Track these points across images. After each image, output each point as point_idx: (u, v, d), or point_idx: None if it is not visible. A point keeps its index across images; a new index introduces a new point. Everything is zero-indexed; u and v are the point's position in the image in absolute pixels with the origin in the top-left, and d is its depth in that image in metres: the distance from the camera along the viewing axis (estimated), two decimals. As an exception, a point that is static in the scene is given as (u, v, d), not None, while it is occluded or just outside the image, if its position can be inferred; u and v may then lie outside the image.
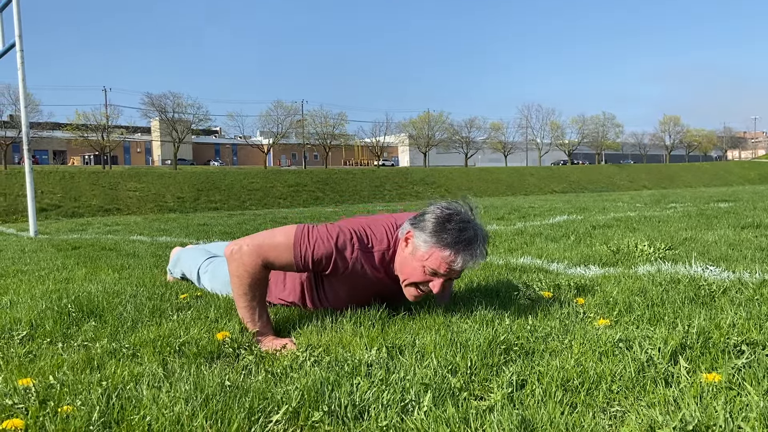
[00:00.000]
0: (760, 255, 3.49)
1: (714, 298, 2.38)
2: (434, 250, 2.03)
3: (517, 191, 38.98)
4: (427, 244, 2.04)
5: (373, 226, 2.21)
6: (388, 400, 1.43)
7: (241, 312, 2.12)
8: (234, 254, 2.11)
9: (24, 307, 2.56)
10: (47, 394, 1.51)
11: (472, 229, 2.06)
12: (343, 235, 2.13)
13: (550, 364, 1.63)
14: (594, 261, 3.56)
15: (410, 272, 2.10)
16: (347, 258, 2.12)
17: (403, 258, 2.12)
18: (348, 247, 2.12)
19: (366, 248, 2.15)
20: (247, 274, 2.08)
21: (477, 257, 2.05)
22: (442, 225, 2.04)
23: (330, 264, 2.12)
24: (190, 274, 3.08)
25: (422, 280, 2.09)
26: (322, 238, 2.11)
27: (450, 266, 2.04)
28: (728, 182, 50.44)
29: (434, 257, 2.04)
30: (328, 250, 2.10)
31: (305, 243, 2.10)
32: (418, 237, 2.07)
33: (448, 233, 2.02)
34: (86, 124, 44.53)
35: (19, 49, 8.27)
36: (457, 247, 2.02)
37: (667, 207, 9.47)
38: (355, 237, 2.13)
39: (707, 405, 1.34)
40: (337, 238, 2.11)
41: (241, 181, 31.83)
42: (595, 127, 66.73)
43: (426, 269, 2.06)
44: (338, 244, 2.11)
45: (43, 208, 21.09)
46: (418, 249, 2.07)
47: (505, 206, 11.55)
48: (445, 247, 2.02)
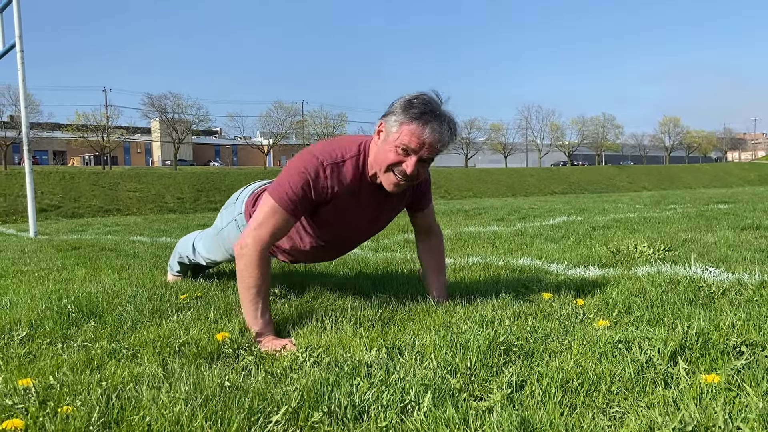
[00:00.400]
0: (759, 256, 3.49)
1: (713, 300, 2.38)
2: (403, 126, 2.08)
3: (517, 192, 38.98)
4: (396, 123, 2.09)
5: (340, 140, 2.27)
6: (388, 400, 1.43)
7: (245, 308, 2.13)
8: (242, 249, 2.14)
9: (24, 308, 2.56)
10: (47, 395, 1.52)
11: (437, 106, 2.12)
12: (309, 160, 2.16)
13: (550, 365, 1.63)
14: (594, 262, 3.56)
15: (383, 157, 2.13)
16: (323, 179, 2.15)
17: (377, 149, 2.16)
18: (319, 169, 2.15)
19: (336, 161, 2.18)
20: (254, 266, 2.11)
21: (445, 130, 2.10)
22: (409, 102, 2.10)
23: (312, 191, 2.15)
24: (185, 251, 3.13)
25: (396, 161, 2.11)
26: (293, 175, 2.15)
27: (420, 138, 2.07)
28: (728, 183, 50.45)
29: (404, 132, 2.08)
30: (304, 179, 2.13)
31: (284, 191, 2.14)
32: (387, 122, 2.12)
33: (415, 107, 2.08)
34: (86, 125, 44.55)
35: (19, 49, 8.27)
36: (424, 118, 2.06)
37: (666, 208, 9.47)
38: (321, 156, 2.17)
39: (706, 406, 1.35)
40: (306, 167, 2.15)
41: (242, 182, 31.79)
42: (595, 128, 66.76)
43: (398, 148, 2.09)
44: (309, 170, 2.14)
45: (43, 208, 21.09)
46: (390, 132, 2.11)
47: (505, 207, 11.55)
48: (413, 120, 2.07)
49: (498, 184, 41.58)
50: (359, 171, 2.21)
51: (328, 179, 2.16)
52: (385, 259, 4.03)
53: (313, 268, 3.62)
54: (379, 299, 2.54)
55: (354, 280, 3.20)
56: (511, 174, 46.16)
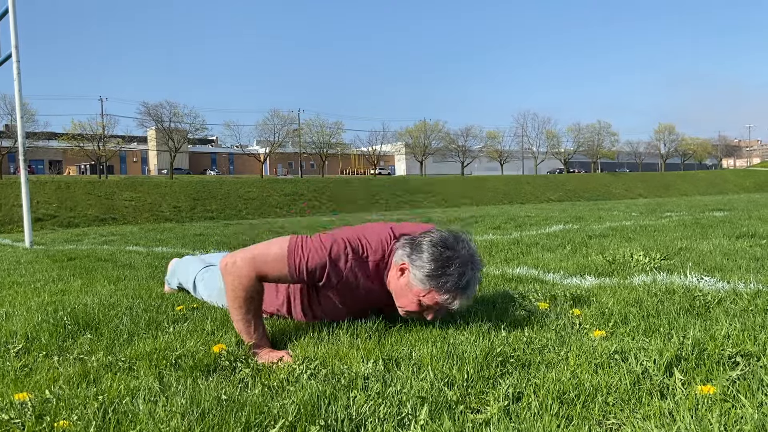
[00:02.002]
0: (754, 265, 3.50)
1: (709, 309, 2.38)
2: (432, 292, 2.06)
3: (513, 200, 39.05)
4: (424, 285, 2.05)
5: (368, 236, 2.19)
6: (385, 413, 1.43)
7: (237, 325, 2.11)
8: (228, 267, 2.10)
9: (19, 320, 2.55)
10: (43, 409, 1.51)
11: (470, 272, 2.06)
12: (336, 245, 2.12)
13: (547, 376, 1.63)
14: (590, 271, 3.57)
15: (406, 303, 2.13)
16: (341, 268, 2.12)
17: (398, 287, 2.13)
18: (342, 257, 2.11)
19: (360, 258, 2.14)
20: (241, 287, 2.07)
21: (471, 297, 2.12)
22: (442, 270, 2.03)
23: (324, 275, 2.11)
24: (186, 284, 3.08)
25: (417, 311, 2.13)
26: (316, 248, 2.11)
27: (448, 306, 2.08)
28: (724, 191, 50.61)
29: (431, 297, 2.06)
30: (322, 260, 2.09)
31: (299, 254, 2.09)
32: (414, 274, 2.07)
33: (448, 278, 2.03)
34: (82, 134, 44.57)
35: (15, 59, 8.27)
36: (455, 293, 2.05)
37: (662, 216, 9.50)
38: (349, 247, 2.13)
39: (702, 417, 1.35)
40: (330, 249, 2.11)
41: (238, 191, 31.80)
42: (591, 136, 67.07)
43: (422, 304, 2.09)
44: (332, 255, 2.10)
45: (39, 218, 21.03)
46: (415, 286, 2.07)
47: (501, 215, 11.55)
48: (444, 293, 2.05)
49: (494, 191, 41.66)
50: (380, 273, 2.18)
51: (345, 270, 2.12)
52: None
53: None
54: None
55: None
56: (508, 181, 46.25)
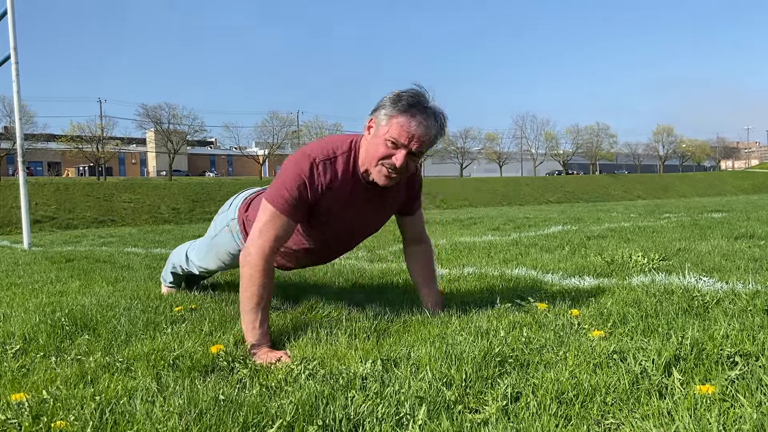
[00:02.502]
0: (753, 266, 3.50)
1: (707, 309, 2.38)
2: (392, 119, 2.11)
3: (512, 201, 39.07)
4: (386, 117, 2.12)
5: (331, 138, 2.30)
6: (383, 413, 1.43)
7: (245, 316, 2.13)
8: (246, 258, 2.15)
9: (17, 321, 2.54)
10: (40, 409, 1.50)
11: (425, 99, 2.15)
12: (302, 160, 2.19)
13: (545, 376, 1.63)
14: (588, 272, 3.57)
15: (374, 151, 2.15)
16: (315, 175, 2.17)
17: (368, 143, 2.19)
18: (313, 166, 2.17)
19: (328, 157, 2.20)
20: (258, 274, 2.11)
21: (432, 124, 2.13)
22: (398, 96, 2.13)
23: (308, 190, 2.17)
24: (179, 261, 3.12)
25: (386, 154, 2.14)
26: (287, 177, 2.17)
27: (408, 131, 2.10)
28: (722, 192, 50.69)
29: (393, 125, 2.11)
30: (300, 180, 2.15)
31: (281, 195, 2.15)
32: (377, 116, 2.15)
33: (403, 100, 2.11)
34: (81, 136, 44.57)
35: (14, 61, 8.28)
36: (411, 110, 2.10)
37: (661, 217, 9.51)
38: (313, 154, 2.19)
39: (701, 417, 1.35)
40: (300, 168, 2.17)
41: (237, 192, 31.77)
42: (590, 138, 67.11)
43: (387, 141, 2.12)
44: (303, 170, 2.16)
45: (38, 219, 21.01)
46: (379, 126, 2.14)
47: (500, 216, 11.56)
48: (401, 113, 2.10)
49: (493, 193, 41.67)
50: (351, 167, 2.23)
51: (321, 176, 2.18)
52: (380, 269, 4.02)
53: (308, 279, 3.62)
54: (375, 310, 2.54)
55: (349, 291, 3.20)
56: (507, 183, 46.28)
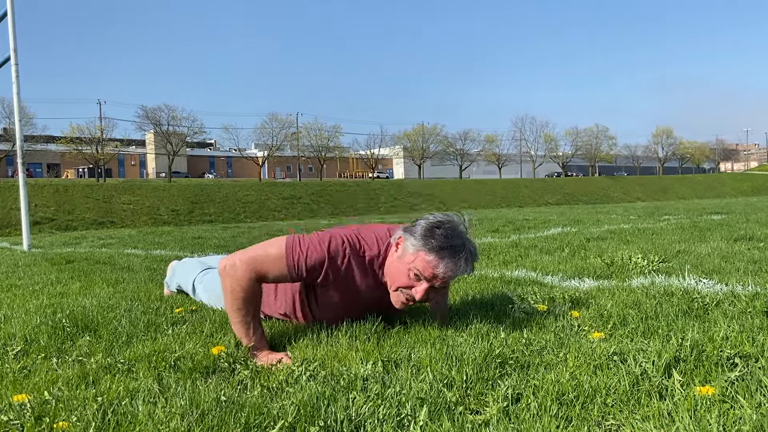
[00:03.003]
0: (752, 267, 3.51)
1: (707, 311, 2.39)
2: (420, 253, 2.06)
3: (511, 203, 39.09)
4: (414, 247, 2.08)
5: (365, 233, 2.22)
6: (384, 414, 1.43)
7: (235, 327, 2.11)
8: (227, 269, 2.10)
9: (18, 322, 2.55)
10: (42, 410, 1.51)
11: (459, 239, 2.08)
12: (334, 241, 2.14)
13: (546, 377, 1.63)
14: (588, 274, 3.57)
15: (396, 276, 2.12)
16: (339, 265, 2.13)
17: (392, 262, 2.15)
18: (340, 253, 2.13)
19: (357, 254, 2.16)
20: (240, 289, 2.08)
21: (460, 266, 2.07)
22: (431, 230, 2.07)
23: (322, 271, 2.12)
24: (185, 287, 3.08)
25: (407, 285, 2.10)
26: (314, 245, 2.12)
27: (433, 271, 2.05)
28: (721, 194, 50.72)
29: (419, 260, 2.06)
30: (321, 256, 2.11)
31: (297, 251, 2.10)
32: (407, 241, 2.10)
33: (435, 238, 2.05)
34: (80, 137, 44.56)
35: (14, 63, 8.29)
36: (441, 253, 2.04)
37: (660, 219, 9.52)
38: (347, 242, 2.15)
39: (701, 418, 1.35)
40: (329, 245, 2.13)
41: (236, 194, 31.80)
42: (589, 139, 67.14)
43: (411, 273, 2.08)
44: (330, 251, 2.12)
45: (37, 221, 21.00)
46: (406, 252, 2.10)
47: (499, 218, 11.57)
48: (430, 251, 2.05)
49: (492, 195, 41.69)
50: (375, 269, 2.19)
51: (342, 266, 2.14)
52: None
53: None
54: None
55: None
56: (506, 185, 46.29)
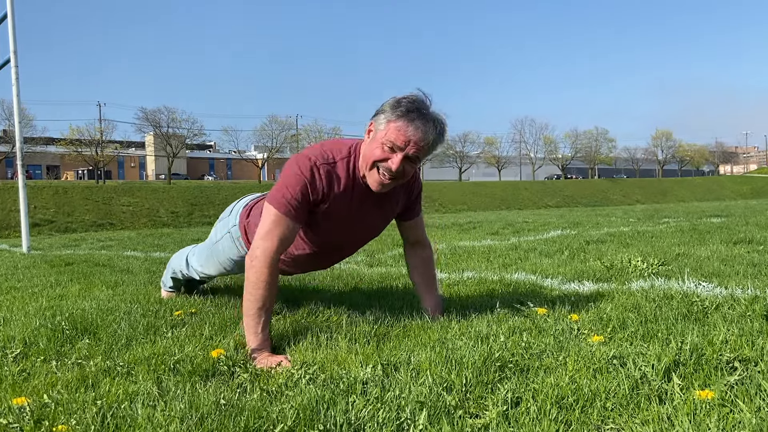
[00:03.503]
0: (752, 271, 3.51)
1: (707, 315, 2.39)
2: (390, 123, 2.13)
3: (511, 205, 39.11)
4: (384, 121, 2.15)
5: (331, 143, 2.33)
6: (384, 418, 1.43)
7: (247, 319, 2.13)
8: (253, 261, 2.16)
9: (17, 325, 2.55)
10: (42, 414, 1.51)
11: (426, 108, 2.16)
12: (303, 162, 2.21)
13: (545, 381, 1.63)
14: (588, 277, 3.57)
15: (371, 153, 2.17)
16: (318, 178, 2.20)
17: (366, 147, 2.21)
18: (314, 169, 2.19)
19: (328, 161, 2.22)
20: (264, 278, 2.13)
21: (430, 128, 2.13)
22: (397, 101, 2.15)
23: (310, 192, 2.19)
24: (179, 266, 3.13)
25: (382, 157, 2.15)
26: (290, 180, 2.20)
27: (405, 135, 2.11)
28: (721, 197, 50.75)
29: (390, 129, 2.12)
30: (300, 182, 2.18)
31: (284, 197, 2.17)
32: (376, 121, 2.18)
33: (402, 105, 2.13)
34: (80, 139, 44.58)
35: (14, 64, 8.29)
36: (410, 115, 2.11)
37: (660, 222, 9.52)
38: (313, 158, 2.22)
39: (700, 422, 1.35)
40: (301, 169, 2.19)
41: (236, 196, 31.67)
42: (588, 142, 67.22)
43: (384, 145, 2.13)
44: (304, 172, 2.18)
45: (36, 223, 21.00)
46: (378, 130, 2.16)
47: (499, 221, 11.58)
48: (399, 118, 2.12)
49: (492, 197, 41.71)
50: (351, 172, 2.25)
51: (322, 179, 2.20)
52: (380, 273, 4.03)
53: (307, 283, 3.62)
54: (375, 315, 2.54)
55: (349, 295, 3.21)
56: (505, 187, 46.32)
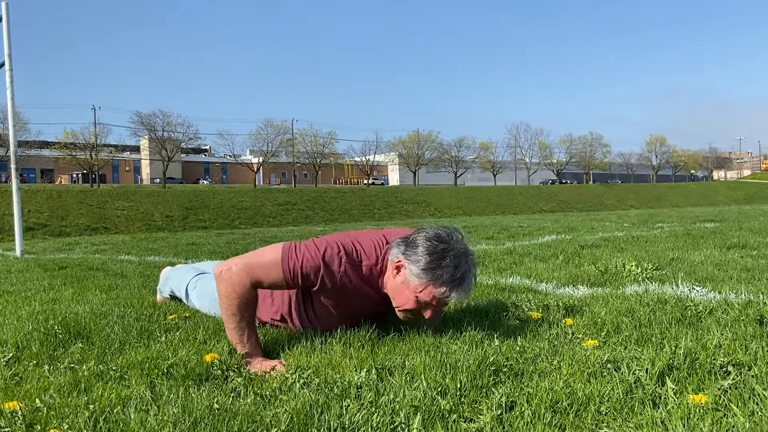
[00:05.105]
0: (745, 275, 3.53)
1: (700, 319, 2.40)
2: (429, 286, 2.04)
3: (506, 210, 39.15)
4: (421, 280, 2.04)
5: (362, 240, 2.21)
6: (378, 422, 1.43)
7: (230, 333, 2.11)
8: (223, 274, 2.10)
9: (10, 329, 2.53)
10: (34, 418, 1.50)
11: (465, 264, 2.06)
12: (330, 248, 2.13)
13: (539, 385, 1.63)
14: (582, 281, 3.58)
15: (403, 301, 2.11)
16: (335, 272, 2.12)
17: (395, 285, 2.12)
18: (335, 260, 2.12)
19: (354, 262, 2.14)
20: (236, 294, 2.07)
21: (470, 290, 2.09)
22: (437, 262, 2.03)
23: (318, 278, 2.12)
24: (178, 292, 3.07)
25: (415, 309, 2.11)
26: (309, 252, 2.12)
27: (445, 300, 2.07)
28: (715, 202, 50.94)
29: (428, 292, 2.05)
30: (316, 263, 2.10)
31: (293, 258, 2.10)
32: (411, 270, 2.06)
33: (443, 270, 2.03)
34: (74, 143, 44.43)
35: (8, 68, 8.26)
36: (452, 285, 2.03)
37: (654, 227, 9.54)
38: (342, 250, 2.13)
39: (694, 426, 1.35)
40: (324, 252, 2.12)
41: (231, 200, 31.74)
42: (583, 147, 67.46)
43: (419, 301, 2.08)
44: (326, 258, 2.11)
45: (30, 227, 20.90)
46: (411, 281, 2.06)
47: (494, 225, 11.58)
48: (441, 285, 2.03)
49: (487, 202, 41.76)
50: (374, 277, 2.18)
51: (338, 274, 2.12)
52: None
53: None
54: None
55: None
56: (501, 192, 46.39)
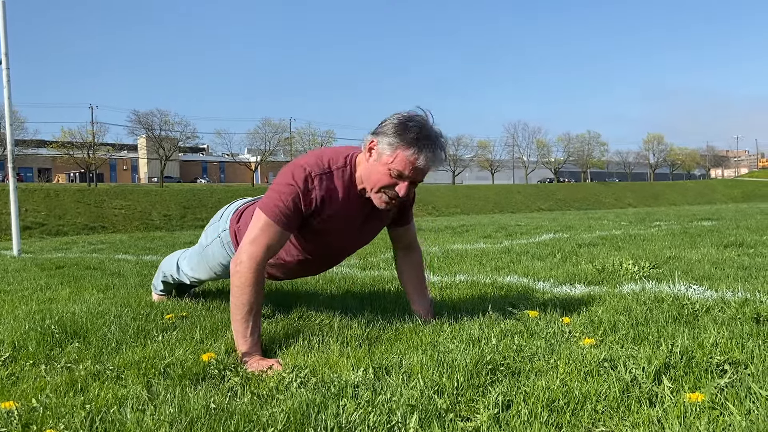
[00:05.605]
0: (742, 274, 3.53)
1: (697, 317, 2.40)
2: (398, 151, 2.10)
3: (504, 209, 39.17)
4: (391, 147, 2.11)
5: (326, 151, 2.31)
6: (375, 422, 1.43)
7: (236, 325, 2.13)
8: (238, 266, 2.15)
9: (6, 328, 2.53)
10: (30, 418, 1.50)
11: (431, 129, 2.15)
12: (297, 172, 2.19)
13: (536, 384, 1.64)
14: (580, 280, 3.58)
15: (377, 178, 2.16)
16: (311, 188, 2.18)
17: (369, 166, 2.19)
18: (308, 179, 2.18)
19: (323, 170, 2.21)
20: (249, 283, 2.12)
21: (439, 156, 2.14)
22: (404, 125, 2.11)
23: (301, 203, 2.17)
24: (170, 270, 3.12)
25: (389, 183, 2.15)
26: (282, 188, 2.18)
27: (415, 165, 2.11)
28: (712, 200, 51.03)
29: (399, 157, 2.10)
30: (294, 191, 2.16)
31: (275, 205, 2.16)
32: (381, 142, 2.14)
33: (411, 131, 2.10)
34: (72, 142, 44.37)
35: (5, 66, 8.24)
36: (419, 144, 2.09)
37: (651, 225, 9.56)
38: (308, 167, 2.20)
39: (690, 425, 1.36)
40: (295, 179, 2.18)
41: (229, 199, 31.62)
42: (581, 146, 67.56)
43: (392, 172, 2.13)
44: (298, 181, 2.17)
45: (27, 226, 20.86)
46: (383, 153, 2.13)
47: (492, 224, 11.59)
48: (409, 146, 2.09)
49: (485, 200, 41.78)
50: (346, 183, 2.24)
51: (316, 189, 2.19)
52: (372, 277, 4.02)
53: (299, 287, 3.61)
54: (367, 318, 2.54)
55: (341, 298, 3.20)
56: (498, 191, 46.42)
